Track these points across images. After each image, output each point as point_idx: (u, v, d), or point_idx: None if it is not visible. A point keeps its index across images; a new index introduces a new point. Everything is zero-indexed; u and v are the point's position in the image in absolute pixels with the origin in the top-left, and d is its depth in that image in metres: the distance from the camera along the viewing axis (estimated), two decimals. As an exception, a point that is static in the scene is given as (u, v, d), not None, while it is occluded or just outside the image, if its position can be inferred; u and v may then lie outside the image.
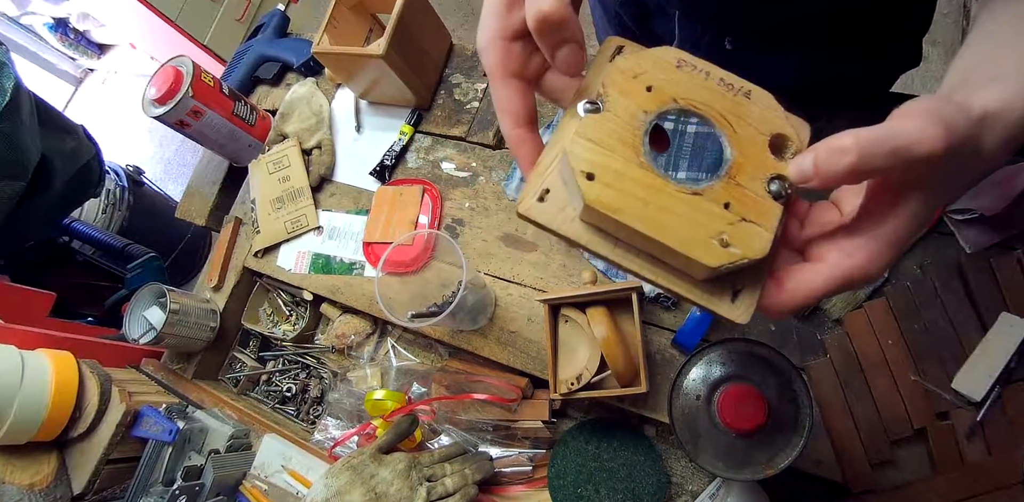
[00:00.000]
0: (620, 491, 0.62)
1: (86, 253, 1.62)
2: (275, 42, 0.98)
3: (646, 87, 0.26)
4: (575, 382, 0.60)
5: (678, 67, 0.27)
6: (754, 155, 0.26)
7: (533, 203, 0.27)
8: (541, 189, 0.27)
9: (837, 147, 0.23)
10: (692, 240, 0.24)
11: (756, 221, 0.25)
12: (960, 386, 0.55)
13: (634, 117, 0.26)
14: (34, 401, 0.67)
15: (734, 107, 0.26)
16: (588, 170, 0.25)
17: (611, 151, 0.25)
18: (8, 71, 0.99)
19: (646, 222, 0.24)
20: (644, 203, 0.24)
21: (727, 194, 0.25)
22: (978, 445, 0.54)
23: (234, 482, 0.73)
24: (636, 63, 0.27)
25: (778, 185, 0.25)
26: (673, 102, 0.26)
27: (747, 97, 0.27)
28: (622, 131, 0.26)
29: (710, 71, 0.27)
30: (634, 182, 0.25)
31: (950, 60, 0.36)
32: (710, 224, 0.24)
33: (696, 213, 0.25)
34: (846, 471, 0.57)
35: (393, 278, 0.68)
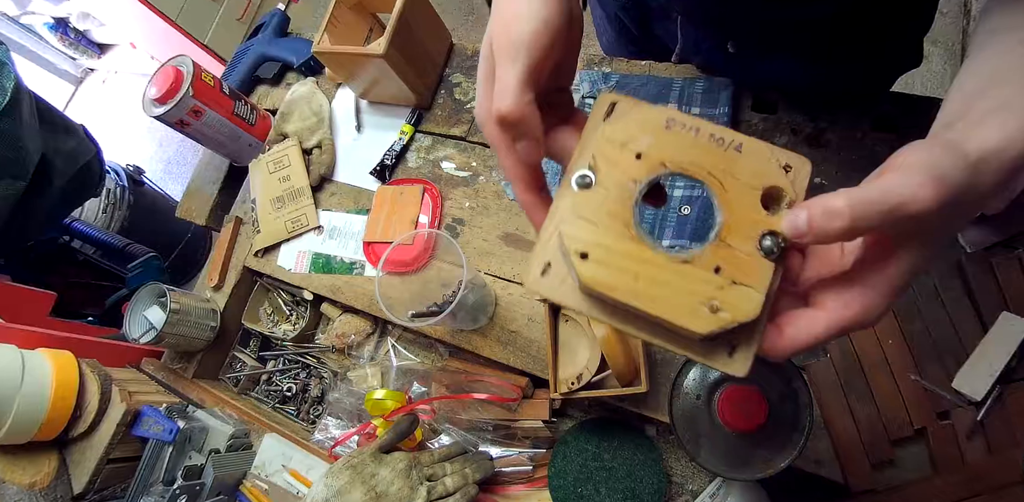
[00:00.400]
0: (620, 491, 0.62)
1: (86, 253, 1.62)
2: (275, 42, 0.98)
3: (635, 155, 0.27)
4: (575, 382, 0.61)
5: (667, 128, 0.27)
6: (745, 213, 0.26)
7: (537, 277, 0.28)
8: (543, 263, 0.28)
9: (831, 209, 0.23)
10: (682, 309, 0.25)
11: (747, 283, 0.25)
12: (960, 386, 0.55)
13: (624, 189, 0.27)
14: (34, 401, 0.67)
15: (725, 163, 0.27)
16: (582, 250, 0.26)
17: (603, 227, 0.26)
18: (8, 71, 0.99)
19: (638, 296, 0.25)
20: (635, 277, 0.25)
21: (717, 257, 0.26)
22: (978, 445, 0.54)
23: (234, 482, 0.73)
24: (624, 130, 0.27)
25: (771, 241, 0.26)
26: (662, 167, 0.27)
27: (738, 151, 0.27)
28: (613, 205, 0.26)
29: (700, 128, 0.27)
30: (625, 257, 0.26)
31: (950, 60, 0.36)
32: (700, 291, 0.25)
33: (686, 281, 0.25)
34: (846, 471, 0.57)
35: (393, 278, 0.68)
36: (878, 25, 0.58)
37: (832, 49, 0.61)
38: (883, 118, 0.63)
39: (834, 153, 0.64)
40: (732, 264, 0.25)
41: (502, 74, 0.29)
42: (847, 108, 0.65)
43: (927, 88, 1.62)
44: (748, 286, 0.25)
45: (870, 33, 0.59)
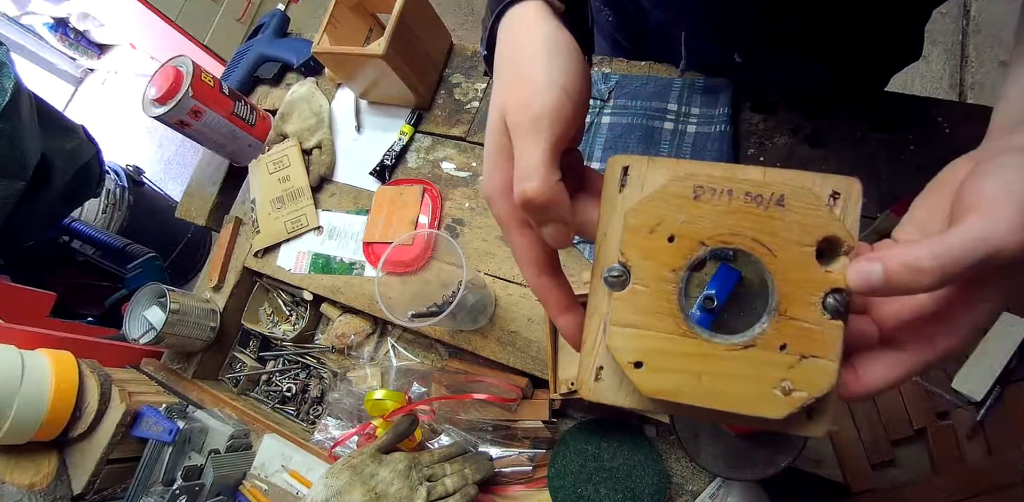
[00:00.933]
0: (620, 491, 0.62)
1: (86, 253, 1.62)
2: (275, 42, 0.98)
3: (667, 238, 0.25)
4: (575, 382, 0.60)
5: (696, 198, 0.24)
6: (801, 277, 0.24)
7: (593, 384, 0.26)
8: (595, 368, 0.26)
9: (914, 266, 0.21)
10: (755, 398, 0.23)
11: (817, 354, 0.23)
12: (960, 386, 0.55)
13: (664, 281, 0.25)
14: (34, 401, 0.67)
15: (768, 224, 0.24)
16: (634, 359, 0.24)
17: (651, 330, 0.24)
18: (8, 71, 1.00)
19: (704, 397, 0.24)
20: (697, 376, 0.24)
21: (781, 334, 0.24)
22: (978, 445, 0.54)
23: (234, 482, 0.73)
24: (649, 213, 0.25)
25: (835, 300, 0.24)
26: (701, 246, 0.24)
27: (780, 205, 0.24)
28: (657, 302, 0.25)
29: (733, 188, 0.24)
30: (682, 357, 0.24)
31: (950, 60, 0.35)
32: (769, 376, 0.24)
33: (752, 368, 0.24)
34: (846, 471, 0.57)
35: (393, 278, 0.68)
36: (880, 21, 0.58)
37: (834, 48, 0.61)
38: (883, 118, 0.63)
39: (834, 153, 0.64)
40: (798, 338, 0.24)
41: (524, 152, 0.27)
42: (847, 108, 0.65)
43: (927, 88, 1.63)
44: (819, 357, 0.23)
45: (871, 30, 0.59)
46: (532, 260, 0.29)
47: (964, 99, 1.59)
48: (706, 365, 0.24)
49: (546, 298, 0.29)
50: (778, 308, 0.24)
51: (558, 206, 0.27)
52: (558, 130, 0.27)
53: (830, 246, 0.24)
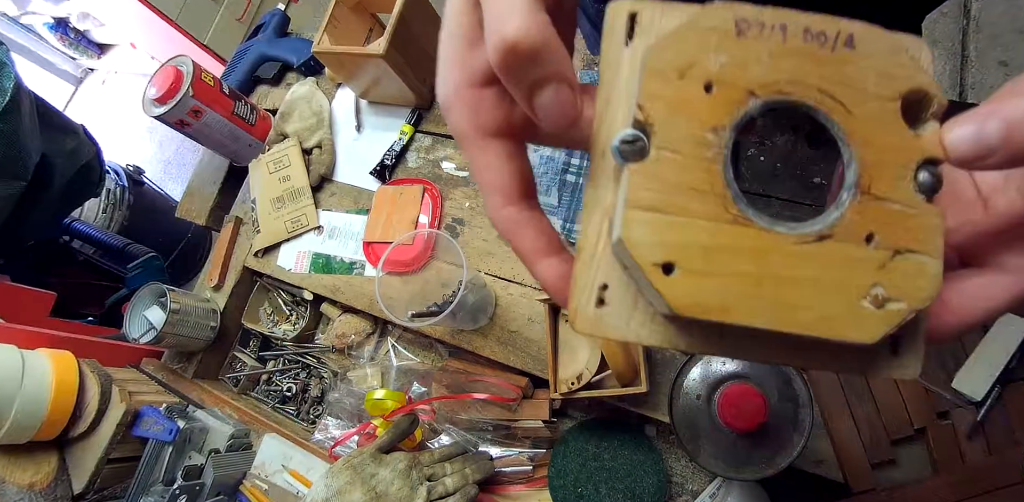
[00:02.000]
0: (620, 491, 0.62)
1: (86, 253, 1.63)
2: (275, 42, 0.98)
3: (704, 85, 0.18)
4: (575, 382, 0.61)
5: (739, 34, 0.18)
6: (887, 140, 0.18)
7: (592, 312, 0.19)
8: (596, 287, 0.19)
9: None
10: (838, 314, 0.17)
11: (915, 247, 0.18)
12: (960, 386, 0.55)
13: (701, 144, 0.18)
14: (34, 401, 0.67)
15: (838, 70, 0.18)
16: (663, 259, 0.17)
17: (686, 215, 0.17)
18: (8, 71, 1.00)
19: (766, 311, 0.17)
20: (756, 282, 0.17)
21: (867, 219, 0.18)
22: (978, 445, 0.54)
23: (234, 482, 0.73)
24: (677, 51, 0.18)
25: (928, 175, 0.18)
26: (751, 97, 0.18)
27: (850, 46, 0.18)
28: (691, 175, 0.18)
29: (787, 23, 0.18)
30: (734, 253, 0.17)
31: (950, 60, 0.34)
32: (856, 279, 0.17)
33: (832, 269, 0.17)
34: (846, 471, 0.57)
35: (393, 278, 0.68)
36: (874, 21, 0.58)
37: None
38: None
39: (836, 152, 0.64)
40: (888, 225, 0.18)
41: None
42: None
43: (927, 88, 1.62)
44: (918, 252, 0.18)
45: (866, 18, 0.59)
46: (499, 183, 0.21)
47: (964, 99, 1.59)
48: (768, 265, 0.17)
49: (518, 237, 0.21)
50: (859, 183, 0.18)
51: (552, 51, 0.18)
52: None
53: (916, 104, 0.19)
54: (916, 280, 0.18)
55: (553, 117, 0.19)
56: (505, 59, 0.18)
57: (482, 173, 0.21)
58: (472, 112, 0.21)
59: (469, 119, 0.21)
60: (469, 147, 0.22)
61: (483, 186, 0.22)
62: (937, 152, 0.18)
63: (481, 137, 0.21)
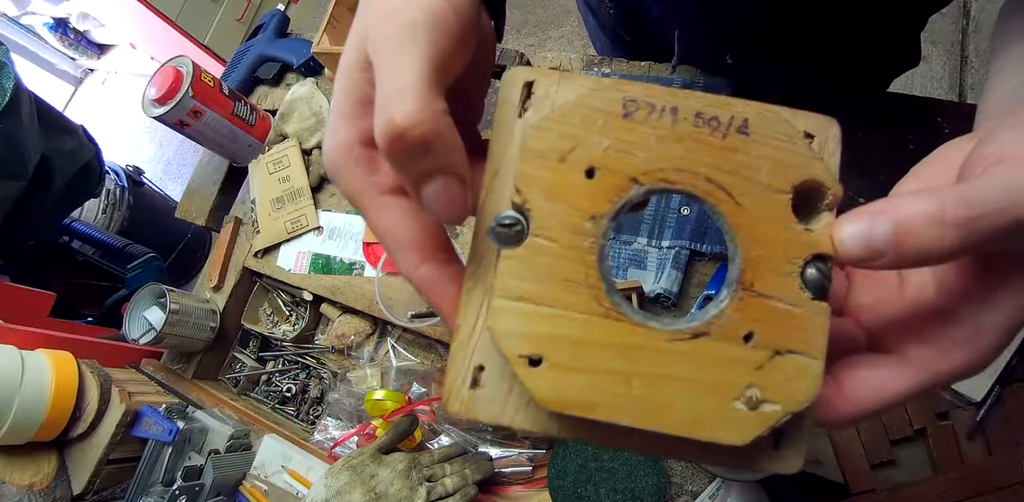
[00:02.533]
0: (620, 491, 0.62)
1: (86, 253, 1.63)
2: (275, 42, 0.98)
3: (585, 171, 0.17)
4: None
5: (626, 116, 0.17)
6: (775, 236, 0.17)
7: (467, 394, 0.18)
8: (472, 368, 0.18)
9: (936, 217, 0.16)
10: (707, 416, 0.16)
11: (795, 348, 0.17)
12: (960, 386, 0.55)
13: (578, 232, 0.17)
14: (34, 401, 0.67)
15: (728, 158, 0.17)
16: (530, 351, 0.17)
17: (557, 306, 0.17)
18: (8, 71, 1.00)
19: (633, 412, 0.16)
20: (625, 379, 0.16)
21: (746, 317, 0.17)
22: (978, 445, 0.54)
23: (234, 482, 0.73)
24: (559, 133, 0.17)
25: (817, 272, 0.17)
26: (634, 184, 0.17)
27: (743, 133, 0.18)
28: (565, 265, 0.17)
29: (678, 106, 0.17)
30: (604, 348, 0.17)
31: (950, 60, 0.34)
32: (729, 379, 0.17)
33: (706, 368, 0.17)
34: (845, 471, 0.57)
35: (393, 278, 0.68)
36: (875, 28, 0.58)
37: (830, 53, 0.61)
38: (883, 118, 0.63)
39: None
40: (768, 324, 0.17)
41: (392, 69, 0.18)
42: (847, 108, 0.64)
43: (927, 88, 1.63)
44: (799, 353, 0.17)
45: (868, 36, 0.59)
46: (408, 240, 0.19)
47: (964, 99, 1.59)
48: (639, 362, 0.17)
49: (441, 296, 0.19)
50: (741, 279, 0.17)
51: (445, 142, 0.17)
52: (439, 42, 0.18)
53: (808, 195, 0.18)
54: (795, 382, 0.17)
55: (440, 211, 0.18)
56: (391, 146, 0.17)
57: (388, 232, 0.20)
58: (365, 170, 0.20)
59: (362, 177, 0.20)
60: (368, 207, 0.20)
61: (391, 246, 0.20)
62: (827, 248, 0.17)
63: (379, 195, 0.20)
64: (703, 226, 0.64)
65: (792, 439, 0.18)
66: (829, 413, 0.19)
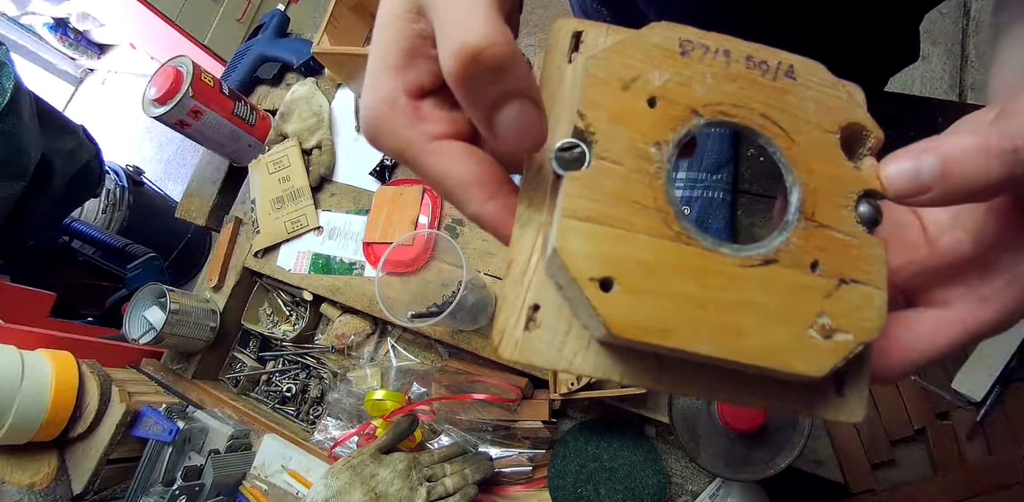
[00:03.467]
0: (620, 491, 0.62)
1: (86, 253, 1.63)
2: (275, 42, 0.98)
3: (647, 100, 0.17)
4: (575, 382, 0.60)
5: (683, 54, 0.18)
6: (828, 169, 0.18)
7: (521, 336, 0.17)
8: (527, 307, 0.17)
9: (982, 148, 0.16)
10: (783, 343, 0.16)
11: (859, 278, 0.17)
12: (960, 386, 0.55)
13: (643, 157, 0.17)
14: (34, 401, 0.67)
15: (780, 98, 0.18)
16: (601, 273, 0.16)
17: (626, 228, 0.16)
18: (8, 71, 1.00)
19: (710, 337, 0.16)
20: (699, 304, 0.16)
21: (811, 246, 0.17)
22: (978, 445, 0.54)
23: (234, 482, 0.73)
24: (622, 63, 0.17)
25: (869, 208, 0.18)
26: (694, 115, 0.18)
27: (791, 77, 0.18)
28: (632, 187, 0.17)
29: (730, 49, 0.18)
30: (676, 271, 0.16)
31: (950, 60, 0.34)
32: (801, 306, 0.17)
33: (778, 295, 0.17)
34: (846, 471, 0.57)
35: (393, 278, 0.68)
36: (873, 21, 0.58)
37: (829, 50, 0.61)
38: (883, 118, 0.63)
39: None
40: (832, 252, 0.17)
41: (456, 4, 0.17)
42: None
43: (927, 88, 1.62)
44: (863, 283, 0.17)
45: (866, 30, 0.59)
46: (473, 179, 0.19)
47: (964, 99, 1.59)
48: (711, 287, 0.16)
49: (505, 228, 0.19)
50: (803, 209, 0.17)
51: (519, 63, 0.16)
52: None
53: (854, 138, 0.19)
54: (863, 311, 0.17)
55: (516, 138, 0.17)
56: (466, 69, 0.16)
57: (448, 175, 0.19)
58: (412, 121, 0.19)
59: (410, 127, 0.19)
60: (420, 154, 0.19)
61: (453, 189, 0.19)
62: (876, 185, 0.18)
63: (430, 142, 0.19)
64: (704, 225, 0.64)
65: (855, 384, 0.18)
66: (885, 363, 0.19)
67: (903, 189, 0.17)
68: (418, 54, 0.19)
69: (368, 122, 0.20)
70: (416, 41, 0.20)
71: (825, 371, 0.16)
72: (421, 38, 0.19)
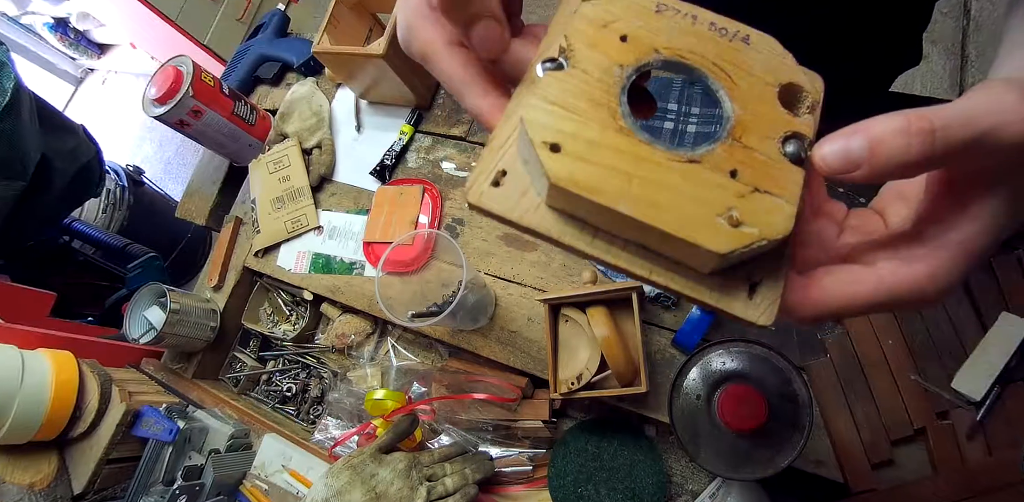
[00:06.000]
0: (620, 491, 0.62)
1: (86, 253, 1.63)
2: (275, 42, 0.98)
3: (619, 37, 0.22)
4: (575, 382, 0.60)
5: (658, 12, 0.22)
6: (762, 110, 0.21)
7: (486, 189, 0.21)
8: (496, 171, 0.22)
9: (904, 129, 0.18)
10: (693, 220, 0.19)
11: (773, 191, 0.20)
12: (960, 386, 0.55)
13: (607, 72, 0.21)
14: (34, 401, 0.67)
15: (731, 54, 0.22)
16: (552, 140, 0.20)
17: (580, 115, 0.20)
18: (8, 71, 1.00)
19: (632, 201, 0.19)
20: (627, 178, 0.19)
21: (733, 159, 0.20)
22: (978, 445, 0.54)
23: (234, 482, 0.73)
24: (606, 10, 0.22)
25: (795, 146, 0.21)
26: (655, 53, 0.22)
27: (746, 42, 0.22)
28: (593, 90, 0.21)
29: (697, 14, 0.22)
30: (613, 151, 0.20)
31: (950, 60, 0.34)
32: (715, 198, 0.20)
33: (695, 186, 0.20)
34: (846, 471, 0.57)
35: (393, 278, 0.68)
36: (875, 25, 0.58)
37: (831, 51, 0.61)
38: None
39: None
40: (752, 168, 0.20)
41: None
42: (847, 108, 0.64)
43: (927, 88, 1.62)
44: (775, 195, 0.20)
45: (869, 34, 0.59)
46: (472, 77, 0.24)
47: (964, 99, 1.59)
48: (640, 168, 0.20)
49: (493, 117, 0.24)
50: (732, 132, 0.21)
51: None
52: None
53: (791, 97, 0.22)
54: (771, 215, 0.20)
55: (483, 46, 0.23)
56: None
57: (456, 73, 0.25)
58: (434, 26, 0.25)
59: (438, 32, 0.25)
60: (440, 55, 0.25)
61: (459, 85, 0.25)
62: (804, 130, 0.21)
63: (445, 45, 0.25)
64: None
65: (767, 293, 0.21)
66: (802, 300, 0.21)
67: (837, 166, 0.19)
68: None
69: (403, 28, 0.26)
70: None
71: (726, 249, 0.19)
72: None
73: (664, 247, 0.20)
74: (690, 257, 0.20)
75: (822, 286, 0.22)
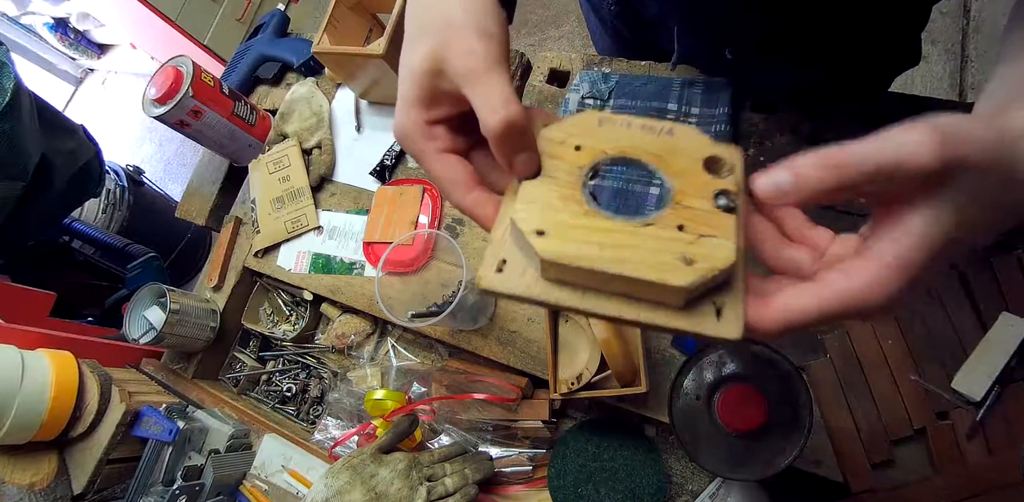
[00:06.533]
0: (620, 491, 0.62)
1: (86, 253, 1.63)
2: (275, 42, 0.98)
3: (575, 147, 0.29)
4: (575, 382, 0.60)
5: (600, 125, 0.29)
6: (692, 179, 0.27)
7: (493, 275, 0.27)
8: (498, 261, 0.27)
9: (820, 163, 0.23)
10: (657, 266, 0.24)
11: (715, 234, 0.25)
12: (960, 386, 0.55)
13: (570, 174, 0.28)
14: (34, 401, 0.67)
15: (661, 145, 0.28)
16: (537, 228, 0.26)
17: (555, 209, 0.27)
18: (8, 71, 1.00)
19: (606, 261, 0.25)
20: (599, 246, 0.25)
21: (678, 217, 0.26)
22: (978, 445, 0.54)
23: (234, 482, 0.73)
24: (560, 130, 0.29)
25: (725, 199, 0.26)
26: (603, 154, 0.28)
27: (670, 134, 0.28)
28: (562, 189, 0.27)
29: (631, 121, 0.29)
30: (585, 229, 0.26)
31: (950, 60, 0.35)
32: (670, 247, 0.25)
33: (653, 241, 0.25)
34: (846, 471, 0.57)
35: (393, 278, 0.68)
36: (875, 25, 0.58)
37: (830, 51, 0.61)
38: (883, 118, 0.63)
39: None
40: (694, 221, 0.26)
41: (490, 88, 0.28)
42: (847, 108, 0.65)
43: (927, 88, 1.62)
44: (717, 237, 0.25)
45: (867, 34, 0.59)
46: (458, 180, 0.30)
47: (964, 99, 1.59)
48: (607, 237, 0.26)
49: (484, 213, 0.29)
50: (674, 198, 0.27)
51: (530, 129, 0.28)
52: (504, 63, 0.29)
53: (714, 165, 0.28)
54: (716, 251, 0.25)
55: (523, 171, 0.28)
56: (508, 131, 0.27)
57: (446, 175, 0.30)
58: (428, 138, 0.31)
59: (427, 142, 0.31)
60: (430, 160, 0.31)
61: (447, 185, 0.30)
62: (730, 187, 0.26)
63: (438, 152, 0.31)
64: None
65: (729, 311, 0.25)
66: (759, 317, 0.25)
67: (771, 195, 0.24)
68: (436, 101, 0.30)
69: (400, 132, 0.31)
70: (437, 93, 0.30)
71: (686, 283, 0.24)
72: (440, 91, 0.30)
73: (641, 292, 0.25)
74: (663, 295, 0.25)
75: (775, 302, 0.25)
